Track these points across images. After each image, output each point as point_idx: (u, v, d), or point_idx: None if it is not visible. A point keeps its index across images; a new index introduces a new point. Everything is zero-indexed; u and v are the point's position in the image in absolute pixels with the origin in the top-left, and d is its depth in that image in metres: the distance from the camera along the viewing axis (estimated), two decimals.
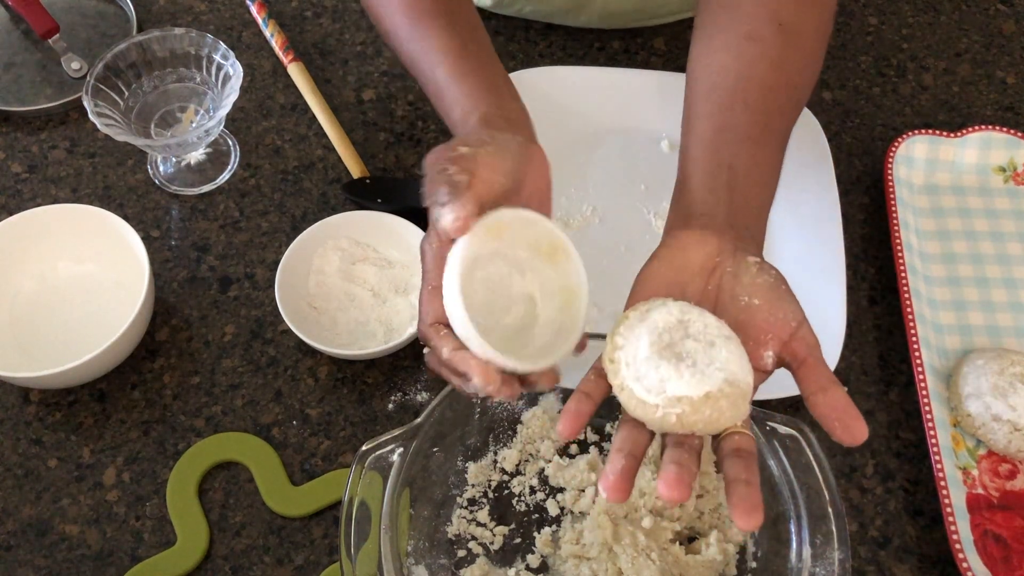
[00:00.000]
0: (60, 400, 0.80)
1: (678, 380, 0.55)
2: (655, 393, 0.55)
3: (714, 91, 0.70)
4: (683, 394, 0.55)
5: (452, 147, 0.59)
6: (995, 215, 0.90)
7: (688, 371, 0.55)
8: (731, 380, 0.55)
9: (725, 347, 0.56)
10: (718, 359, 0.55)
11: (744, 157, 0.67)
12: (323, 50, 1.00)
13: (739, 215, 0.65)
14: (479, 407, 0.74)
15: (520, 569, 0.71)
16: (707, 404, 0.55)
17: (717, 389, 0.55)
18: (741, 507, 0.53)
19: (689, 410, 0.55)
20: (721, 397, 0.55)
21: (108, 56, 0.87)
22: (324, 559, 0.73)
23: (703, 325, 0.57)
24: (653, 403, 0.55)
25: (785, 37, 0.71)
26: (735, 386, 0.55)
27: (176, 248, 0.88)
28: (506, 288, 0.63)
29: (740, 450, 0.56)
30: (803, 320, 0.60)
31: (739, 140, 0.68)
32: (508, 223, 0.60)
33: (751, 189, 0.66)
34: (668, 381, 0.55)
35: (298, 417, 0.79)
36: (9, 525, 0.75)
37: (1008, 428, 0.75)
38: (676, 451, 0.55)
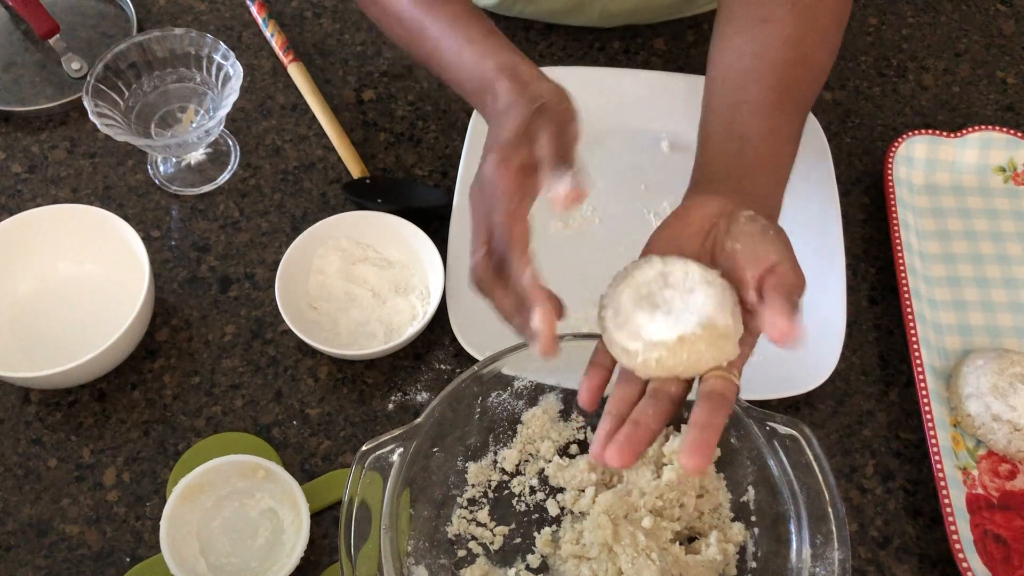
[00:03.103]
0: (60, 400, 0.80)
1: (653, 325, 0.58)
2: (635, 340, 0.58)
3: (729, 71, 0.72)
4: (659, 338, 0.57)
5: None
6: (995, 215, 0.90)
7: (663, 317, 0.58)
8: (706, 322, 0.57)
9: (704, 292, 0.58)
10: (694, 304, 0.58)
11: (756, 127, 0.69)
12: (323, 50, 1.00)
13: (747, 180, 0.67)
14: (479, 407, 0.74)
15: (520, 569, 0.71)
16: (683, 347, 0.57)
17: (691, 332, 0.57)
18: (687, 447, 0.54)
19: (666, 354, 0.57)
20: (696, 339, 0.57)
21: (108, 56, 0.87)
22: (324, 559, 0.73)
23: (684, 274, 0.60)
24: (634, 350, 0.58)
25: (799, 15, 0.72)
26: (711, 328, 0.57)
27: (176, 248, 0.88)
28: (244, 517, 0.72)
29: (713, 393, 0.57)
30: (785, 259, 0.61)
31: (752, 112, 0.70)
32: (204, 476, 0.71)
33: (763, 156, 0.68)
34: (644, 327, 0.58)
35: (298, 417, 0.79)
36: (9, 525, 0.75)
37: (1008, 428, 0.75)
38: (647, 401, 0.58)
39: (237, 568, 0.71)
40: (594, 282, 0.85)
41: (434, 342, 0.82)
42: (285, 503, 0.72)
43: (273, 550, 0.71)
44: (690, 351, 0.57)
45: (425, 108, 0.96)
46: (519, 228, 0.62)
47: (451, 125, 0.95)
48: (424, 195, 0.90)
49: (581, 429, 0.77)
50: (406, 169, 0.93)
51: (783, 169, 0.70)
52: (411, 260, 0.84)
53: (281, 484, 0.72)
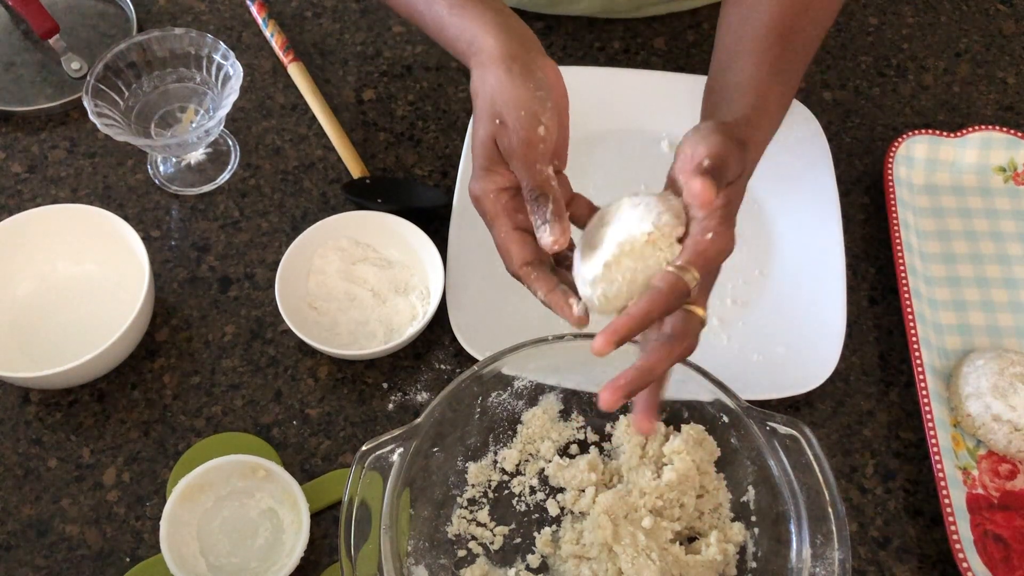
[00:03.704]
0: (60, 400, 0.80)
1: (587, 266, 0.61)
2: (584, 286, 0.61)
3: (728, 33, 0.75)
4: (593, 275, 0.60)
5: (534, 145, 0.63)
6: (995, 215, 0.90)
7: (592, 255, 0.61)
8: (623, 240, 0.59)
9: (627, 215, 0.60)
10: (616, 230, 0.60)
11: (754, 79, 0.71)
12: (323, 50, 1.00)
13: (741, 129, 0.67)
14: (479, 407, 0.74)
15: (520, 569, 0.71)
16: (613, 271, 0.60)
17: (611, 256, 0.59)
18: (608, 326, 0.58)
19: (604, 284, 0.60)
20: (620, 258, 0.59)
21: (108, 56, 0.87)
22: (324, 559, 0.73)
23: (617, 208, 0.62)
24: (587, 296, 0.62)
25: None
26: (629, 242, 0.59)
27: (176, 248, 0.88)
28: (244, 517, 0.72)
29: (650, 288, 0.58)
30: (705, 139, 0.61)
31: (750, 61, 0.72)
32: (204, 475, 0.71)
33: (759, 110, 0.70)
34: (584, 272, 0.61)
35: (298, 417, 0.79)
36: (9, 525, 0.75)
37: (1008, 428, 0.75)
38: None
39: (237, 568, 0.71)
40: None
41: (434, 342, 0.82)
42: (285, 503, 0.72)
43: (273, 550, 0.71)
44: (621, 271, 0.59)
45: (425, 108, 0.96)
46: (514, 247, 0.65)
47: (451, 125, 0.95)
48: (424, 195, 0.90)
49: (581, 429, 0.77)
50: (406, 169, 0.93)
51: (774, 122, 0.72)
52: (411, 260, 0.84)
53: (281, 484, 0.72)
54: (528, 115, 0.63)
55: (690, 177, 0.59)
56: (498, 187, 0.66)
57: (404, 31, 1.02)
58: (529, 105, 0.63)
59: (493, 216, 0.66)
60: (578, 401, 0.77)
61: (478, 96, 0.66)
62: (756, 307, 0.84)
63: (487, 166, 0.65)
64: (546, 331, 0.73)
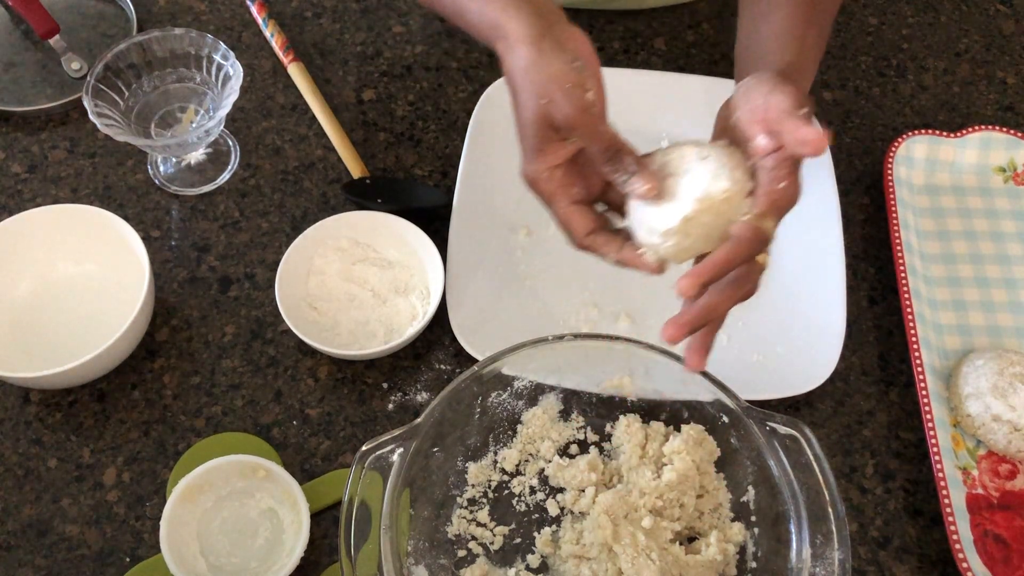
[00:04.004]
0: (60, 400, 0.80)
1: (660, 217, 0.62)
2: (652, 235, 0.63)
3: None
4: (667, 227, 0.62)
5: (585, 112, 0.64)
6: (995, 215, 0.90)
7: (667, 206, 0.62)
8: (702, 196, 0.61)
9: (698, 167, 0.62)
10: (691, 183, 0.61)
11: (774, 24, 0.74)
12: (323, 50, 1.00)
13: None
14: (479, 407, 0.74)
15: (520, 569, 0.71)
16: (690, 226, 0.61)
17: (691, 210, 0.61)
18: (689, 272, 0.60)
19: (680, 237, 0.62)
20: (698, 215, 0.61)
21: (108, 56, 0.87)
22: (324, 559, 0.73)
23: (680, 158, 0.63)
24: (654, 244, 0.63)
25: None
26: (708, 199, 0.61)
27: (176, 248, 0.88)
28: (244, 517, 0.72)
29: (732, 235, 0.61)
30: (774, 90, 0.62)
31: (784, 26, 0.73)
32: (204, 475, 0.71)
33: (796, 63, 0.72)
34: (654, 221, 0.62)
35: (298, 417, 0.79)
36: (9, 525, 0.75)
37: (1008, 428, 0.75)
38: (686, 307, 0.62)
39: (237, 568, 0.71)
40: (594, 282, 0.85)
41: (434, 342, 0.82)
42: (285, 503, 0.72)
43: (273, 550, 0.71)
44: (698, 226, 0.61)
45: (425, 108, 0.96)
46: (576, 219, 0.67)
47: (451, 125, 0.95)
48: (424, 195, 0.90)
49: (581, 429, 0.77)
50: (406, 169, 0.93)
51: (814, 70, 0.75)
52: (411, 260, 0.84)
53: (281, 484, 0.72)
54: (574, 86, 0.64)
55: (787, 126, 0.60)
56: (551, 165, 0.66)
57: (404, 31, 1.02)
58: (571, 77, 0.64)
59: (551, 194, 0.67)
60: (578, 401, 0.77)
61: (516, 81, 0.66)
62: (756, 307, 0.84)
63: (538, 146, 0.66)
64: (546, 331, 0.73)
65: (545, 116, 0.64)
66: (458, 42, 1.01)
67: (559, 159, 0.66)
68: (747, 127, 0.63)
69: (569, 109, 0.63)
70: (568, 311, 0.84)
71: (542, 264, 0.86)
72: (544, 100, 0.64)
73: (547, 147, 0.65)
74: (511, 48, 0.66)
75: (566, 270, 0.86)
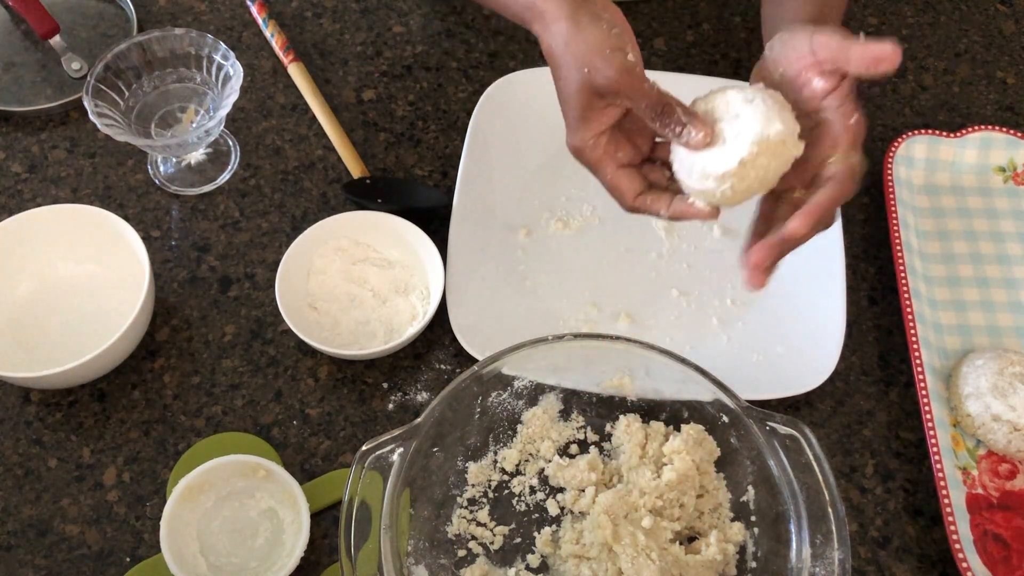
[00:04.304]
0: (60, 400, 0.80)
1: (715, 161, 0.63)
2: (706, 180, 0.64)
3: None
4: (723, 170, 0.63)
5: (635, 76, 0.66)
6: (995, 215, 0.90)
7: (720, 149, 0.63)
8: (757, 139, 0.62)
9: (747, 111, 0.63)
10: (742, 126, 0.63)
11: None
12: (323, 50, 1.00)
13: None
14: (479, 407, 0.74)
15: (520, 569, 0.71)
16: (747, 168, 0.63)
17: (748, 153, 0.62)
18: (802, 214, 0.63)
19: (737, 180, 0.63)
20: (756, 157, 0.63)
21: (108, 56, 0.87)
22: (324, 559, 0.73)
23: (725, 103, 0.65)
24: (709, 188, 0.65)
25: None
26: (764, 141, 0.62)
27: (176, 248, 0.88)
28: (244, 517, 0.73)
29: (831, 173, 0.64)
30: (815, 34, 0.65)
31: None
32: (204, 475, 0.71)
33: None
34: (708, 165, 0.64)
35: (298, 417, 0.79)
36: (9, 525, 0.75)
37: (1008, 428, 0.75)
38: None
39: (237, 568, 0.71)
40: (594, 282, 0.85)
41: (434, 342, 0.82)
42: (285, 503, 0.72)
43: (273, 550, 0.71)
44: (755, 168, 0.63)
45: (425, 108, 0.96)
46: (625, 183, 0.69)
47: (451, 125, 0.95)
48: (424, 195, 0.90)
49: (581, 429, 0.77)
50: (406, 169, 0.93)
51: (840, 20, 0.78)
52: (411, 260, 0.84)
53: (281, 484, 0.72)
54: (614, 51, 0.66)
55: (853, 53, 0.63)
56: (596, 132, 0.68)
57: (404, 31, 1.02)
58: (611, 43, 0.66)
59: (597, 161, 0.69)
60: (578, 401, 0.77)
61: (557, 56, 0.68)
62: (756, 307, 0.84)
63: (582, 115, 0.68)
64: (546, 331, 0.73)
65: (589, 84, 0.66)
66: (458, 42, 1.01)
67: (604, 125, 0.68)
68: (798, 75, 0.65)
69: (612, 72, 0.65)
70: (568, 311, 0.84)
71: (542, 264, 0.86)
72: (586, 69, 0.66)
73: (592, 114, 0.68)
74: (548, 27, 0.68)
75: (566, 270, 0.86)
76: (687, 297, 0.84)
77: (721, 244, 0.87)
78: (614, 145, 0.69)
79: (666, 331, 0.82)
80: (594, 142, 0.69)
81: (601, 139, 0.69)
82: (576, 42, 0.66)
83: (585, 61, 0.66)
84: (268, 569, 0.70)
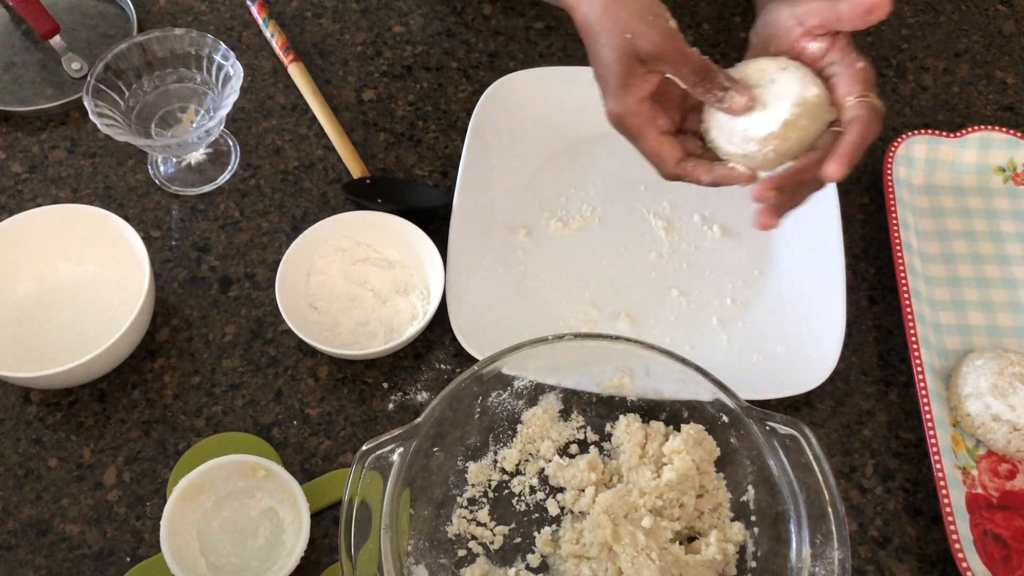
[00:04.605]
0: (60, 400, 0.80)
1: (757, 124, 0.66)
2: (748, 143, 0.66)
3: None
4: (767, 132, 0.65)
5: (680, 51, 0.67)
6: (995, 215, 0.90)
7: (761, 114, 0.66)
8: (798, 101, 0.65)
9: (783, 77, 0.66)
10: (781, 90, 0.65)
11: None
12: (323, 50, 1.00)
13: None
14: (479, 407, 0.74)
15: (520, 569, 0.71)
16: (790, 130, 0.65)
17: (790, 115, 0.65)
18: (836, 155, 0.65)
19: (779, 142, 0.65)
20: (798, 118, 0.65)
21: (108, 56, 0.87)
22: (324, 559, 0.73)
23: (760, 71, 0.67)
24: (752, 151, 0.66)
25: None
26: (804, 103, 0.65)
27: (176, 248, 0.88)
28: (244, 517, 0.73)
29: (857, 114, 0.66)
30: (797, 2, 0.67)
31: None
32: (204, 475, 0.71)
33: None
34: (751, 129, 0.66)
35: (298, 417, 0.79)
36: (9, 525, 0.75)
37: (1008, 428, 0.75)
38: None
39: (237, 568, 0.71)
40: (594, 282, 0.85)
41: (434, 342, 0.82)
42: (285, 503, 0.73)
43: (273, 550, 0.71)
44: (797, 129, 0.65)
45: (425, 108, 0.97)
46: (667, 149, 0.70)
47: (451, 125, 0.95)
48: (424, 195, 0.90)
49: (581, 429, 0.77)
50: (406, 169, 0.93)
51: None
52: (411, 260, 0.84)
53: (281, 484, 0.72)
54: (655, 16, 0.67)
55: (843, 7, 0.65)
56: (637, 98, 0.69)
57: (404, 31, 1.02)
58: (651, 9, 0.67)
59: (639, 128, 0.70)
60: (578, 401, 0.77)
61: (594, 26, 0.69)
62: (756, 307, 0.84)
63: (624, 81, 0.68)
64: (546, 331, 0.73)
65: (631, 49, 0.67)
66: (458, 42, 1.01)
67: (646, 91, 0.69)
68: (791, 48, 0.68)
69: (657, 36, 0.66)
70: (568, 311, 0.84)
71: (542, 264, 0.86)
72: (628, 35, 0.66)
73: (633, 80, 0.68)
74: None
75: (566, 270, 0.86)
76: (687, 297, 0.84)
77: (721, 244, 0.87)
78: (654, 112, 0.70)
79: (666, 331, 0.82)
80: (637, 108, 0.69)
81: (643, 105, 0.69)
82: (616, 8, 0.67)
83: (627, 27, 0.67)
84: (268, 569, 0.70)
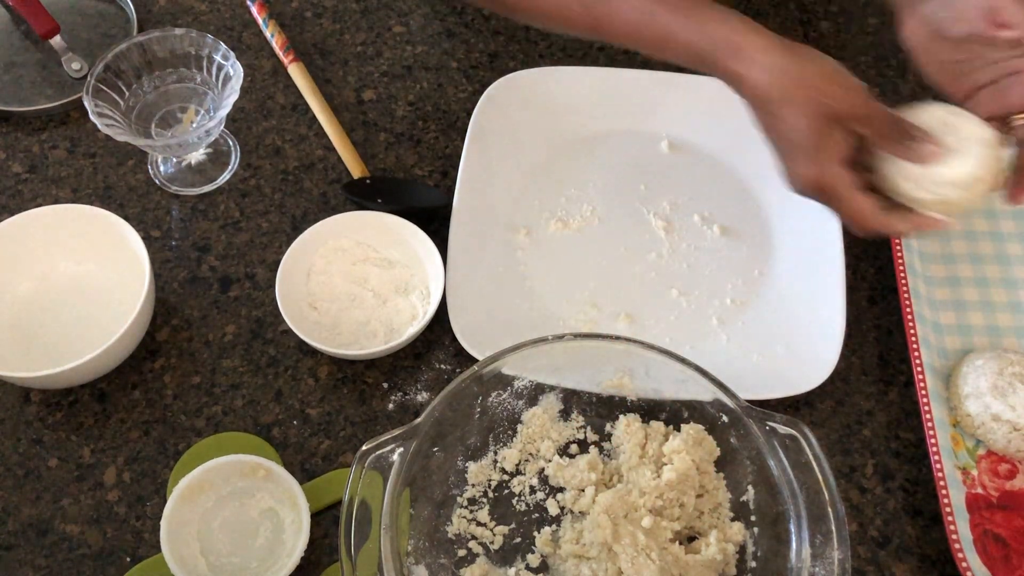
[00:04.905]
0: (60, 400, 0.80)
1: (954, 171, 0.68)
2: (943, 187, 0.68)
3: None
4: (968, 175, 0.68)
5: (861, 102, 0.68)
6: (995, 215, 0.90)
7: (951, 159, 0.67)
8: (983, 141, 0.68)
9: (960, 122, 0.68)
10: (963, 134, 0.68)
11: None
12: (323, 50, 1.00)
13: None
14: (479, 407, 0.74)
15: (520, 569, 0.71)
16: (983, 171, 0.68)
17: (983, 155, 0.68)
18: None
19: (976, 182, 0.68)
20: (987, 157, 0.68)
21: (108, 56, 0.87)
22: (324, 559, 0.73)
23: (933, 118, 0.69)
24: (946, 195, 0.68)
25: None
26: (987, 142, 0.68)
27: (176, 248, 0.88)
28: (244, 517, 0.72)
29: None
30: None
31: None
32: (204, 475, 0.71)
33: None
34: (943, 175, 0.68)
35: (298, 417, 0.79)
36: (9, 525, 0.75)
37: (1007, 428, 0.75)
38: None
39: (237, 568, 0.71)
40: (594, 282, 0.85)
41: (434, 342, 0.83)
42: (285, 503, 0.73)
43: (273, 550, 0.71)
44: (987, 168, 0.68)
45: (425, 108, 0.97)
46: (868, 204, 0.69)
47: (451, 125, 0.95)
48: (424, 195, 0.90)
49: (581, 429, 0.77)
50: (406, 169, 0.93)
51: None
52: (411, 260, 0.84)
53: (281, 484, 0.72)
54: (844, 77, 0.68)
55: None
56: (835, 160, 0.68)
57: (404, 31, 1.02)
58: (839, 70, 0.68)
59: (839, 190, 0.68)
60: (578, 401, 0.77)
61: (775, 87, 0.67)
62: (756, 307, 0.84)
63: (819, 144, 0.67)
64: (546, 331, 0.73)
65: (826, 112, 0.66)
66: (458, 42, 1.01)
67: (844, 152, 0.68)
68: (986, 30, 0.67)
69: (857, 98, 0.66)
70: (568, 311, 0.84)
71: (542, 264, 0.86)
72: (823, 97, 0.65)
73: (829, 143, 0.67)
74: (755, 60, 0.67)
75: (566, 270, 0.86)
76: (687, 297, 0.84)
77: (721, 244, 0.87)
78: (850, 172, 0.68)
79: (666, 331, 0.82)
80: (836, 170, 0.68)
81: (842, 167, 0.68)
82: (800, 72, 0.66)
83: (820, 89, 0.65)
84: (268, 569, 0.70)
